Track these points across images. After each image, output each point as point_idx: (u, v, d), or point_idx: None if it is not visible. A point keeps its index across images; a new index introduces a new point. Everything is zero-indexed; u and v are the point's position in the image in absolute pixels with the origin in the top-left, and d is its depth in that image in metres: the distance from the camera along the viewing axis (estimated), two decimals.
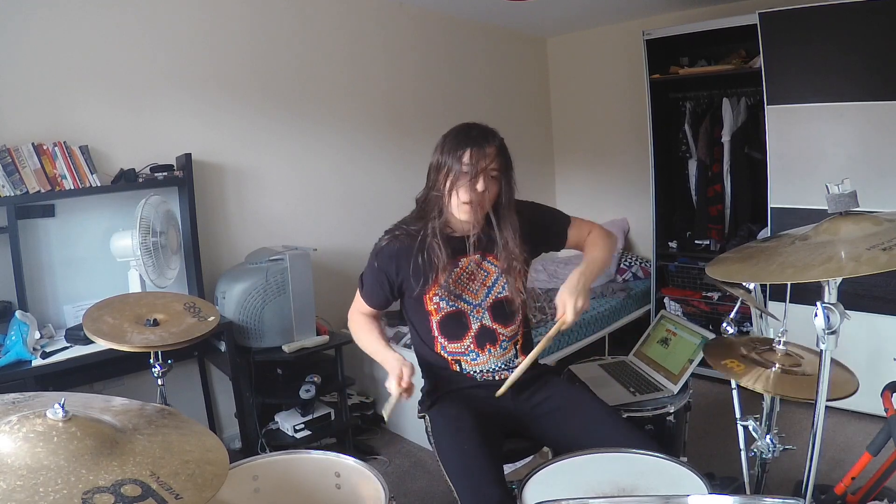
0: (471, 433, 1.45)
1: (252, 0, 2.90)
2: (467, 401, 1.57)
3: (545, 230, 1.71)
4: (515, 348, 1.65)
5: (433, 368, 1.67)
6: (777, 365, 1.51)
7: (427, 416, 1.64)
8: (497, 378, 1.62)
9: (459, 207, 1.51)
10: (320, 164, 3.25)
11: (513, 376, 1.52)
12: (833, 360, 1.09)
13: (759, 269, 1.14)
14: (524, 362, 1.53)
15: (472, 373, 1.63)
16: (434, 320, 1.62)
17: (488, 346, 1.62)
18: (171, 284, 2.44)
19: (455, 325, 1.62)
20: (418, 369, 1.62)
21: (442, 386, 1.64)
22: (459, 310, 1.61)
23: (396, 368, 1.46)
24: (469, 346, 1.62)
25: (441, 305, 1.60)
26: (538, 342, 1.54)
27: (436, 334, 1.63)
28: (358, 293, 1.72)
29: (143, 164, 2.50)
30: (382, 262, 1.61)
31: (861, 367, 1.56)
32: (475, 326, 1.61)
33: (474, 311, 1.61)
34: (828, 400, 1.12)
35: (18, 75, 2.24)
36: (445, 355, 1.64)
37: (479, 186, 1.47)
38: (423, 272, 1.56)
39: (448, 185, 1.50)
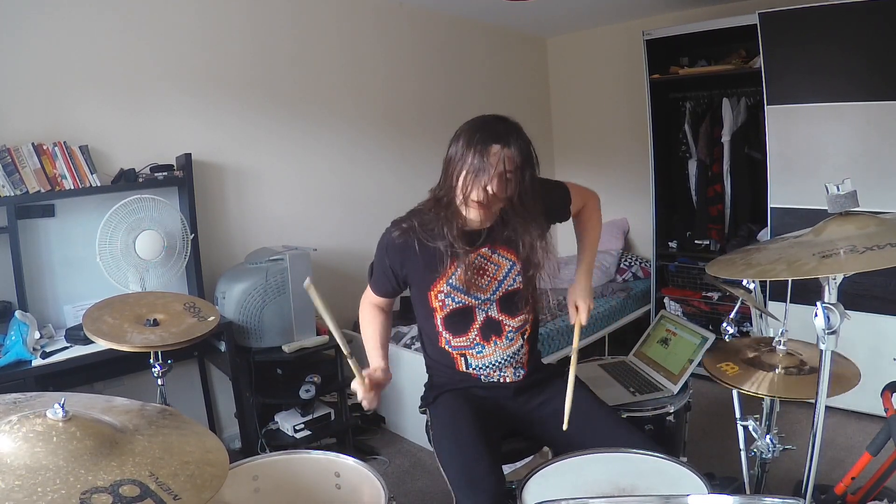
0: (469, 427, 1.45)
1: (252, 0, 2.90)
2: (469, 398, 1.56)
3: (552, 211, 1.65)
4: (522, 339, 1.61)
5: (437, 365, 1.66)
6: (779, 367, 1.50)
7: (428, 411, 1.65)
8: (502, 380, 1.61)
9: (468, 205, 1.45)
10: (320, 164, 3.25)
11: (567, 407, 1.47)
12: (834, 353, 1.08)
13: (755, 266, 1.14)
14: (569, 389, 1.50)
15: (477, 369, 1.60)
16: (439, 317, 1.59)
17: (493, 338, 1.58)
18: (172, 284, 2.44)
19: (460, 320, 1.59)
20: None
21: (445, 383, 1.63)
22: (466, 305, 1.57)
23: (364, 376, 1.44)
24: (474, 339, 1.59)
25: (446, 302, 1.56)
26: (571, 362, 1.54)
27: (440, 329, 1.60)
28: (368, 281, 1.73)
29: (143, 164, 2.50)
30: (389, 255, 1.58)
31: (861, 368, 1.56)
32: (480, 318, 1.58)
33: (482, 304, 1.57)
34: (830, 396, 1.12)
35: (18, 75, 2.24)
36: (450, 350, 1.61)
37: (490, 188, 1.40)
38: (428, 269, 1.54)
39: (460, 181, 1.43)
